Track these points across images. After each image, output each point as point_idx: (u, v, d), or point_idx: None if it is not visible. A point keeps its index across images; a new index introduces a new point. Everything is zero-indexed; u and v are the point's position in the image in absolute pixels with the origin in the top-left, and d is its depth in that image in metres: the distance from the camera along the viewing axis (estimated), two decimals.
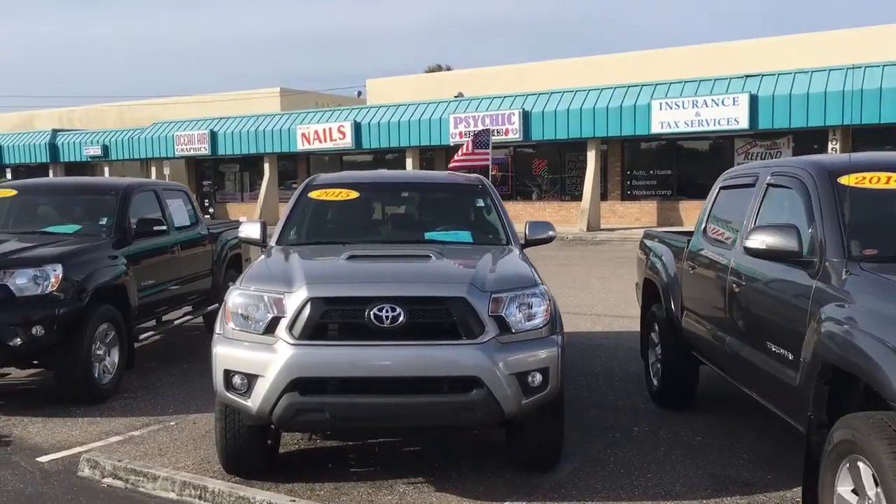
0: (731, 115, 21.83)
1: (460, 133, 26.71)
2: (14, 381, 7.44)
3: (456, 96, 31.49)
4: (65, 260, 6.43)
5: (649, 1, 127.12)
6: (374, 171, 6.71)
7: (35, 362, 6.67)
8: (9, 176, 38.52)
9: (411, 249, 5.19)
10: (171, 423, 6.08)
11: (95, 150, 37.03)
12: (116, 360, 6.96)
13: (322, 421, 4.20)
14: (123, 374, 7.11)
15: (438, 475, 4.83)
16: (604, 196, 26.14)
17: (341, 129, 29.34)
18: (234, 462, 4.68)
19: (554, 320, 4.49)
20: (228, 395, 4.33)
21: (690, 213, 24.95)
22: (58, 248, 6.64)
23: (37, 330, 6.14)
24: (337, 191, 5.91)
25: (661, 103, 22.89)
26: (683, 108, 22.50)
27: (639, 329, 7.11)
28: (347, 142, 29.23)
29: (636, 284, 7.54)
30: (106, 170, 38.91)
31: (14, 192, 7.78)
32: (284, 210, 5.85)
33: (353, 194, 5.91)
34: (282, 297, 4.29)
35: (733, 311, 4.74)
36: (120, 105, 52.16)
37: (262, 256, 5.22)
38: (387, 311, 4.14)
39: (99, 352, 6.70)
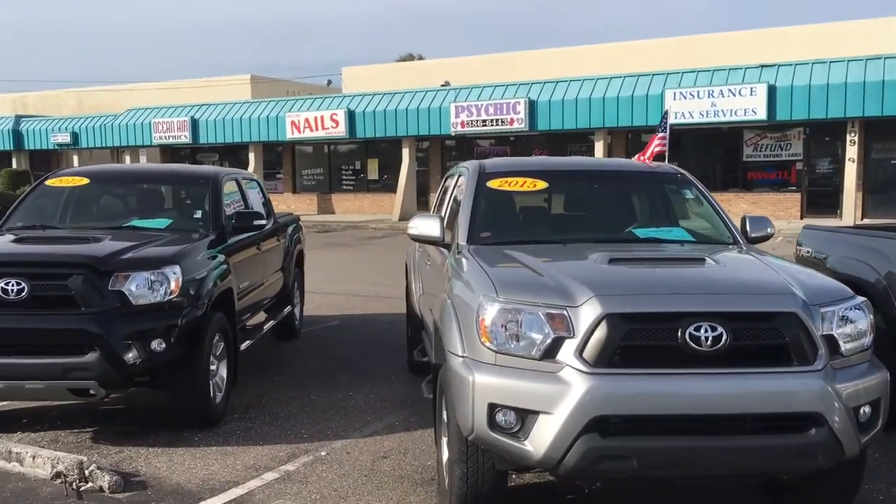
0: (749, 105, 21.39)
1: (462, 122, 25.85)
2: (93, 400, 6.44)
3: (443, 85, 30.57)
4: (181, 260, 5.45)
5: None
6: (550, 158, 5.89)
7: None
8: None
9: (668, 251, 4.38)
10: (322, 454, 5.18)
11: (64, 138, 35.10)
12: (224, 376, 6.02)
13: (627, 470, 3.36)
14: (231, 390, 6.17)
15: None
16: None
17: (334, 117, 28.17)
18: None
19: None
20: (493, 435, 3.47)
21: None
22: (171, 247, 5.65)
23: (156, 344, 5.16)
24: (521, 180, 5.05)
25: (674, 93, 22.36)
26: (699, 98, 21.99)
27: None
28: (341, 130, 28.09)
29: None
30: (75, 158, 36.91)
31: (86, 181, 6.70)
32: (464, 203, 4.96)
33: (542, 184, 5.07)
34: (563, 311, 3.44)
35: None
36: (78, 91, 49.97)
37: (467, 260, 4.33)
38: (706, 331, 3.33)
39: (212, 367, 5.75)
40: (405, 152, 27.91)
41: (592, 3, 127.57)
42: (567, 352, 3.39)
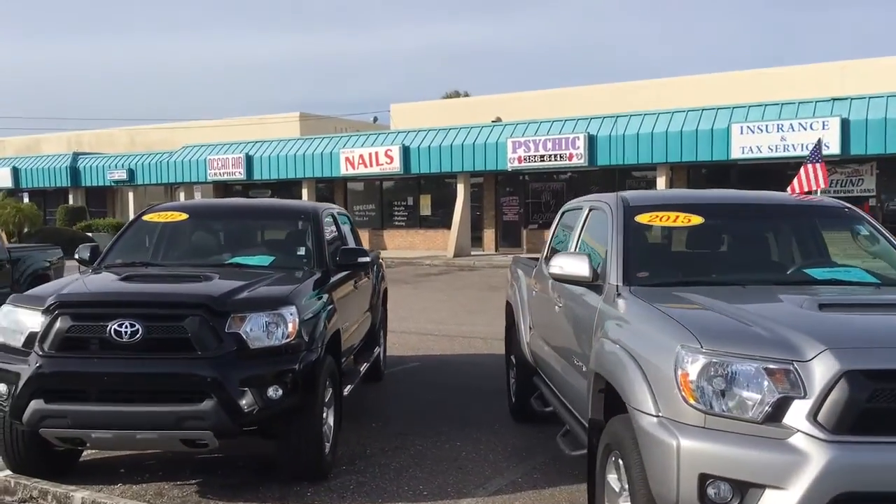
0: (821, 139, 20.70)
1: (519, 158, 25.52)
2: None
3: (494, 121, 30.35)
4: (297, 300, 5.09)
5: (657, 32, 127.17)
6: (697, 191, 5.41)
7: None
8: (26, 199, 36.99)
9: (873, 295, 3.89)
10: None
11: (120, 175, 35.58)
12: (332, 423, 5.60)
13: None
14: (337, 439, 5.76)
15: None
16: None
17: (388, 153, 28.07)
18: None
19: None
20: None
21: None
22: (284, 287, 5.29)
23: (273, 391, 4.77)
24: (673, 215, 4.60)
25: (741, 127, 21.78)
26: (767, 132, 21.37)
27: None
28: (395, 166, 27.95)
29: None
30: (130, 195, 37.44)
31: (184, 216, 6.42)
32: (612, 240, 4.50)
33: (696, 219, 4.61)
34: (788, 366, 2.97)
35: None
36: (131, 129, 50.92)
37: (634, 304, 3.88)
38: None
39: (322, 414, 5.34)
40: (460, 188, 27.63)
41: (635, 40, 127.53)
42: (797, 415, 2.90)
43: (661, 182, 23.99)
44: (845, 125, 20.54)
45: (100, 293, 4.99)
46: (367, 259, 6.44)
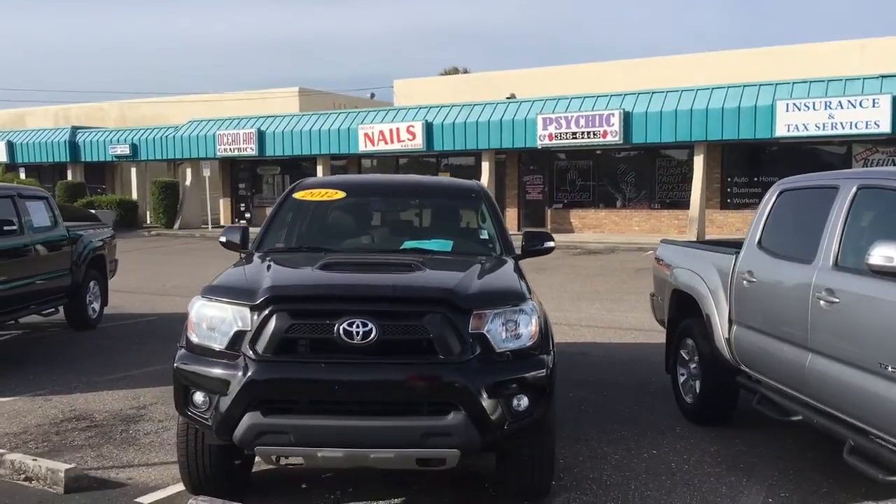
0: (871, 117, 20.16)
1: (549, 135, 24.75)
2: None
3: (508, 98, 29.50)
4: (531, 295, 4.35)
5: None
6: None
7: None
8: (22, 175, 35.63)
9: None
10: None
11: (123, 150, 34.32)
12: None
13: None
14: None
15: None
16: None
17: (410, 129, 27.18)
18: None
19: None
20: None
21: None
22: (511, 278, 4.56)
23: (517, 401, 4.06)
24: None
25: (787, 104, 21.15)
26: (814, 109, 20.78)
27: None
28: (418, 143, 27.06)
29: None
30: (133, 170, 36.26)
31: (342, 194, 5.62)
32: None
33: None
34: None
35: None
36: (121, 103, 49.37)
37: None
38: None
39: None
40: (485, 166, 26.84)
41: (595, 19, 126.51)
42: None
43: (698, 161, 23.36)
44: None
45: (323, 286, 4.22)
46: (553, 244, 5.70)
